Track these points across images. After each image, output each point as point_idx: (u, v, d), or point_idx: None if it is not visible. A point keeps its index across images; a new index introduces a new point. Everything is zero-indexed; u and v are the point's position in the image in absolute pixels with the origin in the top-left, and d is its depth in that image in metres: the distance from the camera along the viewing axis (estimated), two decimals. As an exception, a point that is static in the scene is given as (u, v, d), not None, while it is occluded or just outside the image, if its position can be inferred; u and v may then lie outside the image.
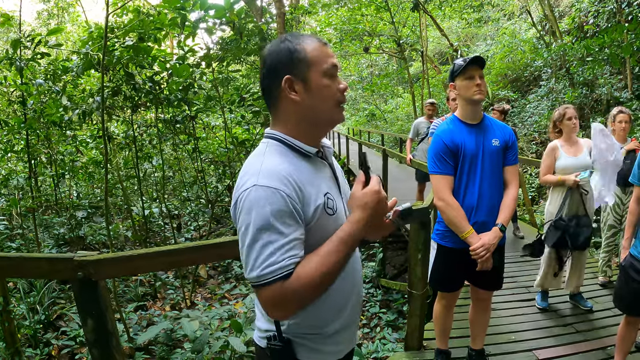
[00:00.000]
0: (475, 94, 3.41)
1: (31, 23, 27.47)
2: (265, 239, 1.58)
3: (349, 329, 2.01)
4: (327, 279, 1.63)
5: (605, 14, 14.12)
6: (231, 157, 10.13)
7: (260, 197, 1.59)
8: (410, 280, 4.61)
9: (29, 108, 8.41)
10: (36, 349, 6.06)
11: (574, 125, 5.09)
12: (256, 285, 1.60)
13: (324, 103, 1.79)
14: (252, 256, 1.59)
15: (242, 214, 1.63)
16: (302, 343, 1.86)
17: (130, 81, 7.46)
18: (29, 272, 3.37)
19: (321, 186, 1.80)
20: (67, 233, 10.32)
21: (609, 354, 4.41)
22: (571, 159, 5.07)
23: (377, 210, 1.72)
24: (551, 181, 5.16)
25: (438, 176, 3.53)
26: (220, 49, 8.31)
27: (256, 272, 1.58)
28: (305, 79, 1.75)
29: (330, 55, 1.81)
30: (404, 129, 27.42)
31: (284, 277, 1.57)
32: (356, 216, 1.70)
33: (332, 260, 1.62)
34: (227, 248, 3.09)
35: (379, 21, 24.22)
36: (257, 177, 1.63)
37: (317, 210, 1.73)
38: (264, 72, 1.82)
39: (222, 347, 5.12)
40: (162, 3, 6.77)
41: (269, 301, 1.60)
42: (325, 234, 1.72)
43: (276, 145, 1.80)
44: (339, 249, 1.65)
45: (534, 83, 18.41)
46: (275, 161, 1.71)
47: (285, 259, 1.58)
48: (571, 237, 4.90)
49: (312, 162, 1.85)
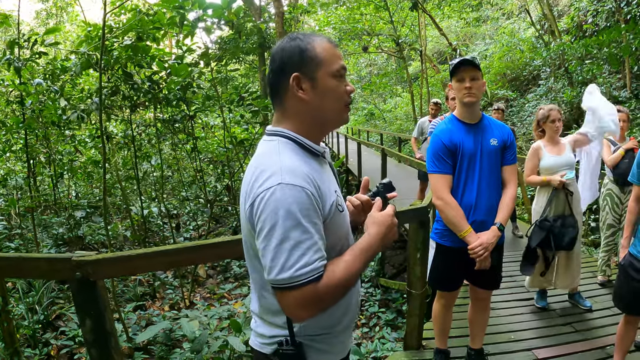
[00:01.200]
0: (465, 96, 3.42)
1: (30, 23, 27.47)
2: (295, 239, 1.56)
3: (351, 327, 2.04)
4: (351, 283, 1.71)
5: (604, 13, 14.11)
6: (230, 156, 10.14)
7: (287, 196, 1.57)
8: (409, 280, 4.61)
9: (27, 108, 8.39)
10: (35, 349, 6.04)
11: (557, 128, 5.12)
12: (286, 287, 1.58)
13: (331, 103, 1.81)
14: (282, 257, 1.56)
15: (266, 213, 1.59)
16: (312, 345, 1.86)
17: (129, 81, 7.45)
18: (27, 272, 3.36)
19: (331, 184, 1.83)
20: (66, 233, 10.29)
21: (608, 354, 4.41)
22: (554, 157, 5.09)
23: (390, 230, 1.85)
24: (536, 182, 5.19)
25: (437, 175, 3.54)
26: (219, 49, 8.31)
27: (288, 274, 1.55)
28: (313, 78, 1.76)
29: (339, 57, 1.82)
30: (403, 128, 27.47)
31: (317, 279, 1.58)
32: (375, 230, 1.82)
33: (357, 266, 1.71)
34: (226, 248, 3.08)
35: (378, 20, 24.27)
36: (280, 175, 1.60)
37: (332, 208, 1.75)
38: (273, 68, 1.81)
39: (221, 346, 5.11)
40: (160, 2, 6.75)
41: (299, 302, 1.59)
42: (337, 230, 1.80)
43: (287, 142, 1.79)
44: (361, 257, 1.73)
45: (532, 82, 18.43)
46: (293, 159, 1.70)
47: (317, 260, 1.58)
48: (556, 238, 4.91)
49: (319, 161, 1.87)
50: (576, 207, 5.15)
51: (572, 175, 4.97)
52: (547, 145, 5.19)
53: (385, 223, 1.84)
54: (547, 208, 5.04)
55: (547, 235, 4.91)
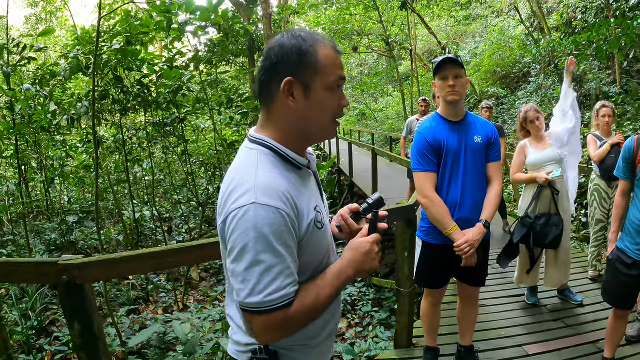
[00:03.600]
0: (448, 95, 3.43)
1: (19, 28, 27.39)
2: (266, 263, 1.49)
3: (331, 338, 1.98)
4: (323, 309, 1.67)
5: (594, 9, 14.18)
6: (221, 159, 10.11)
7: (260, 217, 1.48)
8: (398, 278, 4.64)
9: (17, 113, 8.37)
10: (29, 355, 6.03)
11: (539, 124, 5.15)
12: (255, 311, 1.52)
13: (320, 116, 1.69)
14: (252, 281, 1.50)
15: (237, 233, 1.50)
16: (288, 355, 1.79)
17: (119, 84, 7.44)
18: (16, 276, 3.36)
19: (311, 199, 1.71)
20: (59, 238, 10.28)
21: (599, 348, 4.43)
22: (539, 153, 5.12)
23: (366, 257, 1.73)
24: (522, 179, 5.22)
25: (421, 173, 3.55)
26: (208, 51, 8.31)
27: (258, 298, 1.49)
28: (307, 85, 1.63)
29: (340, 66, 1.70)
30: (394, 127, 27.48)
31: (287, 305, 1.53)
32: (349, 256, 1.73)
33: (328, 292, 1.65)
34: (211, 249, 3.08)
35: (368, 20, 24.25)
36: (254, 194, 1.50)
37: (310, 226, 1.65)
38: (266, 65, 1.67)
39: (213, 348, 5.12)
40: (148, 6, 6.76)
41: (267, 327, 1.55)
42: (316, 248, 1.71)
43: (267, 154, 1.67)
44: (333, 283, 1.68)
45: (523, 79, 18.46)
46: (270, 175, 1.58)
47: (288, 285, 1.53)
48: (537, 235, 4.90)
49: (301, 173, 1.75)
50: (563, 206, 5.13)
51: (558, 174, 4.96)
52: (533, 142, 5.24)
53: (361, 250, 1.73)
54: (531, 205, 5.06)
55: (528, 232, 4.92)
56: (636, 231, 3.46)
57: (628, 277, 3.53)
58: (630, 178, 3.64)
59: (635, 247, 3.46)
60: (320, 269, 1.74)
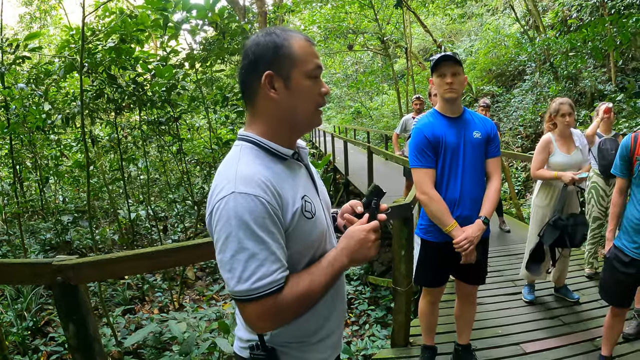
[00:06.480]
0: (446, 92, 3.42)
1: (14, 27, 27.28)
2: (250, 250, 1.51)
3: (334, 335, 1.96)
4: (316, 297, 1.66)
5: (589, 7, 14.18)
6: (216, 157, 10.09)
7: (240, 205, 1.51)
8: (395, 277, 4.62)
9: (11, 113, 8.33)
10: (25, 355, 6.02)
11: (567, 123, 4.90)
12: (245, 299, 1.53)
13: (304, 105, 1.72)
14: (238, 269, 1.51)
15: (220, 223, 1.54)
16: (286, 352, 1.81)
17: (113, 83, 7.41)
18: (10, 278, 3.34)
19: (298, 189, 1.73)
20: (54, 238, 10.26)
21: (596, 345, 4.43)
22: (565, 157, 4.94)
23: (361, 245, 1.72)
24: (546, 176, 4.98)
25: (420, 170, 3.53)
26: (203, 50, 8.27)
27: (245, 286, 1.50)
28: (287, 77, 1.68)
29: (316, 55, 1.75)
30: (390, 125, 27.44)
31: (277, 291, 1.54)
32: (343, 244, 1.73)
33: (321, 280, 1.65)
34: (207, 248, 3.06)
35: (363, 18, 24.23)
36: (234, 184, 1.54)
37: (295, 215, 1.66)
38: (245, 64, 1.73)
39: (209, 348, 5.10)
40: (143, 4, 6.73)
41: (259, 314, 1.55)
42: (306, 238, 1.71)
43: (250, 148, 1.72)
44: (327, 271, 1.68)
45: (518, 77, 18.47)
46: (251, 165, 1.63)
47: (275, 271, 1.53)
48: (569, 236, 4.76)
49: (288, 164, 1.77)
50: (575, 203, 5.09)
51: (585, 175, 4.78)
52: (559, 140, 5.03)
53: (356, 237, 1.73)
54: (560, 206, 4.91)
55: (562, 234, 4.76)
56: (633, 229, 3.45)
57: (625, 275, 3.53)
58: (628, 176, 3.64)
59: (633, 245, 3.46)
60: (315, 260, 1.74)
